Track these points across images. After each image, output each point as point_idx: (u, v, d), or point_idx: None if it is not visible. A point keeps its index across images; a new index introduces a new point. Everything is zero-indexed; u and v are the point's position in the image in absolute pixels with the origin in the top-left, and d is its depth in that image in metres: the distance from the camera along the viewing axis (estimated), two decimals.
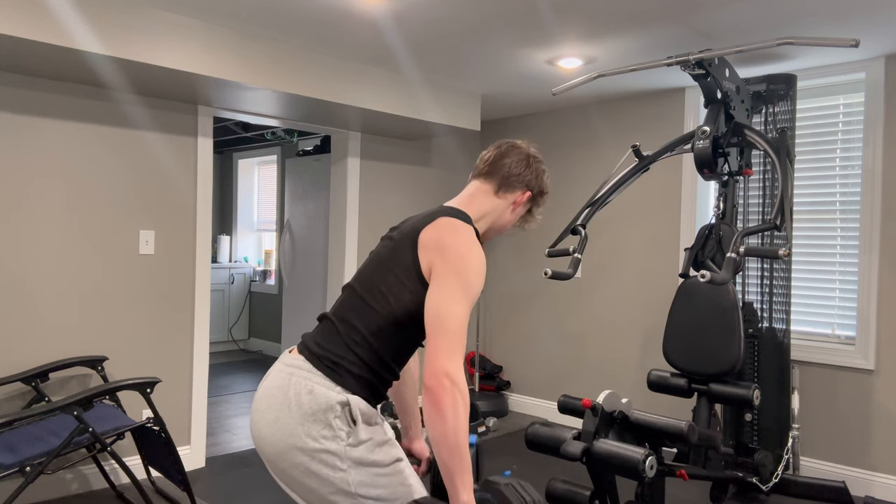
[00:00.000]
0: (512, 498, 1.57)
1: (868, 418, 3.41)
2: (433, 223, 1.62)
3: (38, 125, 3.08)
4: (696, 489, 3.46)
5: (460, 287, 1.52)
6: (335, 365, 1.56)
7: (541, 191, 1.83)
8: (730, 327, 3.01)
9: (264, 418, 1.57)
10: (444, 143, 5.01)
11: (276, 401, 1.56)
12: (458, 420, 1.42)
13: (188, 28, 2.95)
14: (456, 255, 1.55)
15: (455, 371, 1.44)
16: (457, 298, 1.50)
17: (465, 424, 1.43)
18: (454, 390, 1.42)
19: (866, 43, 3.17)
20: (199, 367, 3.64)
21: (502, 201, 1.78)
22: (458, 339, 1.47)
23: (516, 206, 1.80)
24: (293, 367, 1.59)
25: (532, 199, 1.83)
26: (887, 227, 3.36)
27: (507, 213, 1.79)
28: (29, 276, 3.07)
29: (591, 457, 2.34)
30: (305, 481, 1.52)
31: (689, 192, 4.02)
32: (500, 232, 1.84)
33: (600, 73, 3.16)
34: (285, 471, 1.54)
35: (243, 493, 3.31)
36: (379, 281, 1.61)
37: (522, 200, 1.79)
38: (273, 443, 1.54)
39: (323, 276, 5.17)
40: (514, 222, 1.85)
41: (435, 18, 2.95)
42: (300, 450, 1.50)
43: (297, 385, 1.54)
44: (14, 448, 2.53)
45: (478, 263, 1.57)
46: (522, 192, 1.79)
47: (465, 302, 1.51)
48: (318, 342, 1.61)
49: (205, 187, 3.63)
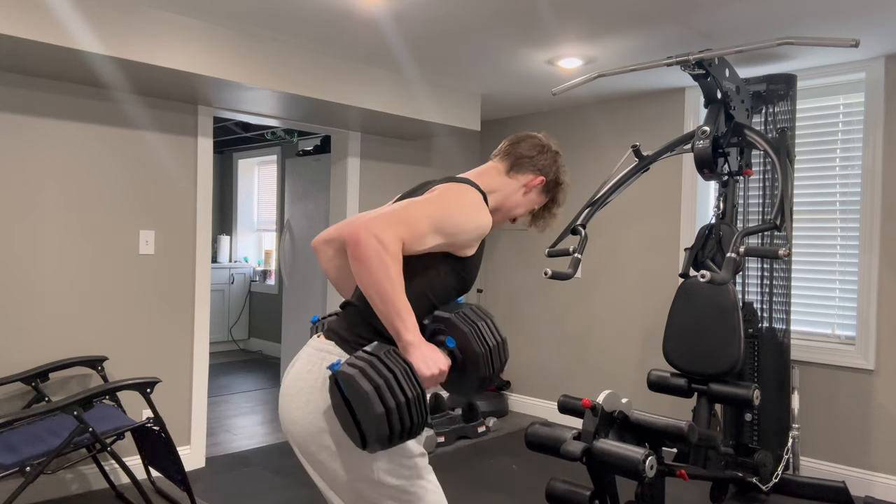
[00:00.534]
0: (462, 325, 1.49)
1: (868, 418, 3.41)
2: (442, 183, 1.65)
3: (38, 125, 3.08)
4: (696, 489, 3.46)
5: (434, 207, 1.51)
6: (359, 346, 1.55)
7: (556, 180, 1.81)
8: (730, 327, 3.01)
9: (295, 401, 1.56)
10: (444, 143, 5.01)
11: (307, 384, 1.55)
12: (385, 267, 1.38)
13: (188, 28, 2.95)
14: (449, 191, 1.58)
15: (384, 235, 1.39)
16: (424, 208, 1.49)
17: (393, 272, 1.39)
18: (375, 243, 1.38)
19: (866, 43, 3.17)
20: (199, 367, 3.64)
21: (513, 181, 1.77)
22: (402, 224, 1.43)
23: (528, 190, 1.78)
24: (323, 350, 1.58)
25: (547, 190, 1.81)
26: (887, 227, 3.36)
27: (518, 194, 1.78)
28: (29, 276, 3.07)
29: (591, 457, 2.34)
30: (332, 465, 1.52)
31: (689, 192, 4.02)
32: (510, 216, 1.80)
33: (600, 73, 3.16)
34: (314, 454, 1.54)
35: (243, 493, 3.31)
36: None
37: (534, 184, 1.77)
38: (303, 425, 1.53)
39: (323, 276, 5.17)
40: (527, 212, 1.82)
41: (435, 18, 2.95)
42: (329, 433, 1.50)
43: None
44: (14, 448, 2.53)
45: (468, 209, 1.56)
46: (535, 175, 1.77)
47: (429, 218, 1.48)
48: (345, 327, 1.60)
49: (205, 187, 3.63)
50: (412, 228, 1.45)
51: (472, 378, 1.50)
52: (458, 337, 1.50)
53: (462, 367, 1.50)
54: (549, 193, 1.83)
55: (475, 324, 1.50)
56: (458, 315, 1.52)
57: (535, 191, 1.79)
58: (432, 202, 1.53)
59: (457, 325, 1.50)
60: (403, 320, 1.42)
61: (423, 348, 1.43)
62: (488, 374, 1.50)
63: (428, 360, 1.42)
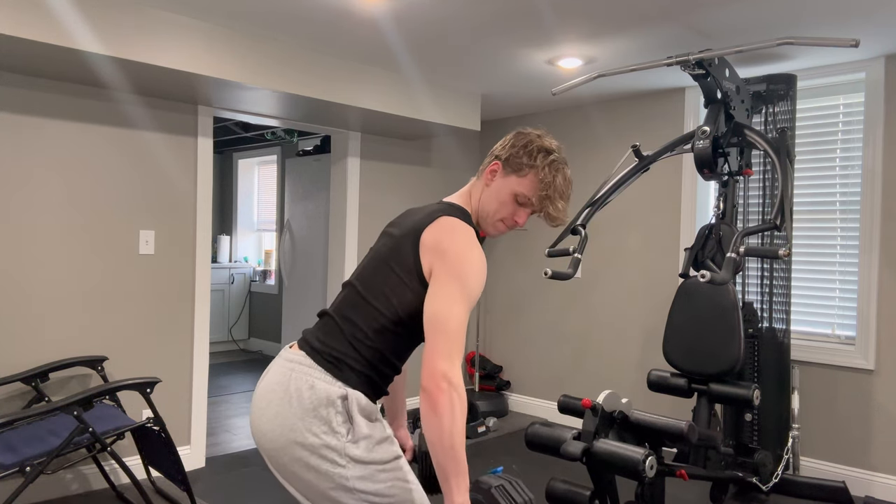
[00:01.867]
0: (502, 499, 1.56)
1: (868, 418, 3.41)
2: (434, 224, 1.59)
3: (38, 125, 3.08)
4: (696, 489, 3.46)
5: (459, 289, 1.50)
6: (337, 361, 1.56)
7: (515, 154, 1.66)
8: (730, 327, 3.00)
9: (265, 414, 1.56)
10: (444, 143, 5.01)
11: (276, 396, 1.55)
12: (455, 423, 1.41)
13: (188, 28, 2.95)
14: (455, 258, 1.54)
15: (453, 373, 1.43)
16: (455, 300, 1.49)
17: (461, 427, 1.42)
18: (451, 392, 1.41)
19: (866, 43, 3.17)
20: (199, 367, 3.64)
21: (479, 182, 1.73)
22: (456, 341, 1.46)
23: (489, 181, 1.70)
24: (294, 362, 1.59)
25: (511, 169, 1.67)
26: (887, 227, 3.36)
27: (483, 192, 1.70)
28: (29, 276, 3.07)
29: (591, 457, 2.34)
30: (305, 476, 1.52)
31: (689, 192, 4.02)
32: (490, 218, 1.69)
33: (600, 73, 3.16)
34: (285, 466, 1.54)
35: (243, 493, 3.31)
36: (381, 281, 1.60)
37: (491, 170, 1.69)
38: (273, 438, 1.54)
39: (323, 276, 5.17)
40: (504, 206, 1.68)
41: (435, 18, 2.95)
42: (300, 444, 1.50)
43: (298, 380, 1.54)
44: (14, 448, 2.53)
45: (477, 265, 1.55)
46: (490, 163, 1.71)
47: (464, 304, 1.49)
48: (320, 338, 1.61)
49: (205, 187, 3.63)
50: (462, 333, 1.48)
51: None
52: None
53: None
54: (518, 172, 1.66)
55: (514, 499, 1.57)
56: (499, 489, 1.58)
57: (497, 179, 1.68)
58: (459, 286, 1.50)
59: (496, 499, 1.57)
60: (459, 480, 1.42)
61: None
62: None
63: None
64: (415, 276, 1.57)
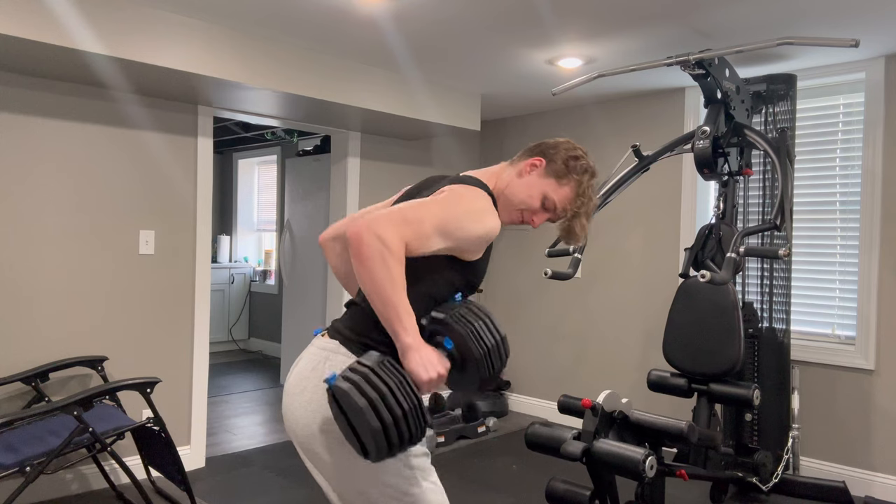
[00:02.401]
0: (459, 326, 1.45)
1: (868, 418, 3.41)
2: (451, 185, 1.59)
3: (38, 125, 3.08)
4: (696, 489, 3.46)
5: (440, 208, 1.47)
6: (368, 348, 1.54)
7: (564, 160, 1.65)
8: (730, 327, 3.00)
9: (297, 400, 1.55)
10: (444, 143, 5.01)
11: (310, 383, 1.54)
12: (390, 270, 1.36)
13: (188, 28, 2.95)
14: (456, 193, 1.53)
15: (387, 234, 1.36)
16: (431, 209, 1.46)
17: (396, 274, 1.37)
18: (378, 243, 1.35)
19: (866, 43, 3.17)
20: (199, 367, 3.64)
21: (512, 169, 1.71)
22: (407, 224, 1.40)
23: (524, 172, 1.68)
24: (327, 350, 1.57)
25: (553, 172, 1.65)
26: (887, 227, 3.36)
27: (514, 180, 1.68)
28: (29, 276, 3.07)
29: (591, 457, 2.34)
30: (335, 465, 1.51)
31: (689, 192, 4.02)
32: (511, 206, 1.68)
33: (600, 73, 3.16)
34: (317, 454, 1.53)
35: (243, 493, 3.31)
36: None
37: (531, 163, 1.67)
38: (306, 424, 1.53)
39: (323, 276, 5.17)
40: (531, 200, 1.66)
41: (435, 18, 2.95)
42: (332, 433, 1.49)
43: (333, 367, 1.53)
44: (14, 448, 2.53)
45: (475, 211, 1.52)
46: (532, 157, 1.69)
47: (436, 219, 1.45)
48: (350, 326, 1.59)
49: (205, 187, 3.63)
50: (417, 230, 1.42)
51: (473, 378, 1.49)
52: (455, 338, 1.47)
53: (462, 368, 1.49)
54: (559, 179, 1.66)
55: (472, 323, 1.46)
56: (454, 314, 1.48)
57: (534, 174, 1.67)
58: (439, 204, 1.49)
59: (453, 326, 1.47)
60: (402, 322, 1.39)
61: (422, 351, 1.40)
62: (488, 374, 1.48)
63: (427, 363, 1.40)
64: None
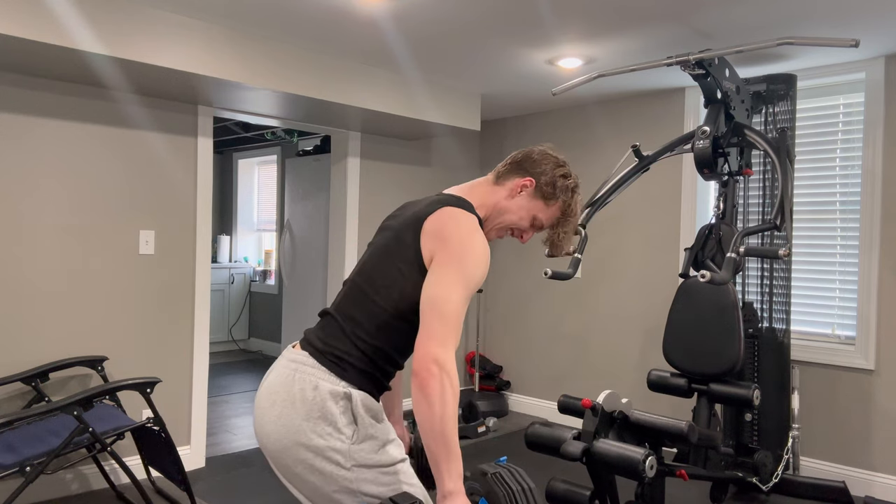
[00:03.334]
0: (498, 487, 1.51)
1: (868, 418, 3.41)
2: (437, 212, 1.58)
3: (38, 125, 3.08)
4: (696, 489, 3.46)
5: (459, 274, 1.48)
6: (339, 360, 1.54)
7: (551, 182, 1.70)
8: (730, 327, 3.00)
9: (268, 414, 1.55)
10: (444, 143, 5.01)
11: (279, 397, 1.54)
12: (446, 407, 1.38)
13: (188, 28, 2.95)
14: (457, 243, 1.52)
15: (445, 358, 1.39)
16: (454, 285, 1.46)
17: (452, 412, 1.39)
18: (442, 376, 1.38)
19: (866, 43, 3.17)
20: (199, 367, 3.64)
21: (500, 188, 1.72)
22: (452, 326, 1.43)
23: (514, 193, 1.71)
24: (297, 362, 1.57)
25: (543, 196, 1.70)
26: (887, 227, 3.36)
27: (502, 200, 1.70)
28: (29, 276, 3.07)
29: (591, 457, 2.34)
30: (309, 478, 1.51)
31: (689, 192, 4.02)
32: (499, 225, 1.72)
33: (600, 73, 3.16)
34: (289, 467, 1.53)
35: (243, 493, 3.31)
36: (381, 274, 1.58)
37: (521, 185, 1.70)
38: (277, 439, 1.53)
39: (323, 276, 5.17)
40: (520, 221, 1.72)
41: (435, 18, 2.95)
42: (304, 446, 1.49)
43: (302, 380, 1.53)
44: (14, 448, 2.53)
45: (479, 252, 1.53)
46: (521, 176, 1.71)
47: (463, 290, 1.47)
48: (321, 338, 1.59)
49: (205, 187, 3.63)
50: (459, 320, 1.45)
51: None
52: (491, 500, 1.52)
53: None
54: (547, 200, 1.72)
55: (510, 488, 1.51)
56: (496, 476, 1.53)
57: (524, 195, 1.71)
58: (460, 271, 1.49)
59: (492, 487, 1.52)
60: (450, 465, 1.39)
61: (459, 501, 1.40)
62: None
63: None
64: (415, 266, 1.54)
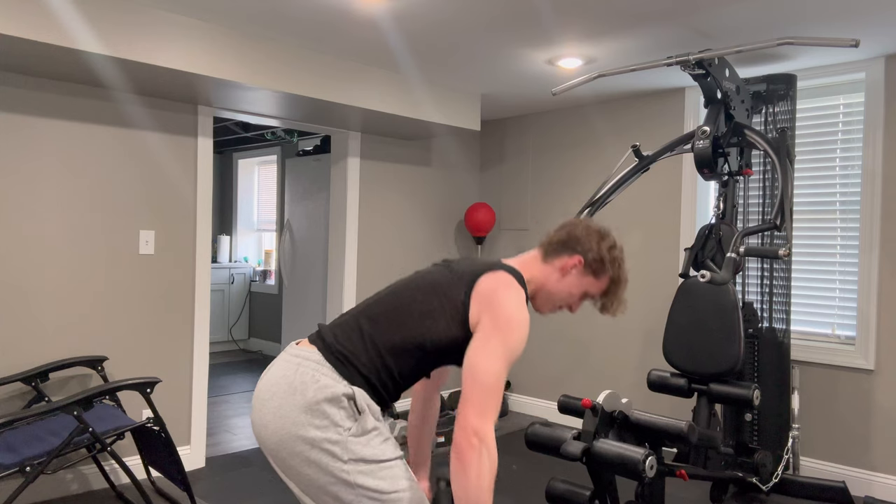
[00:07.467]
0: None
1: (868, 418, 3.41)
2: (493, 273, 1.64)
3: (38, 125, 3.08)
4: (696, 489, 3.46)
5: (503, 347, 1.54)
6: (345, 359, 1.57)
7: (599, 258, 1.74)
8: (730, 327, 3.00)
9: (267, 405, 1.57)
10: (444, 143, 5.01)
11: (280, 389, 1.56)
12: (482, 479, 1.45)
13: (188, 28, 2.95)
14: (504, 317, 1.57)
15: (486, 431, 1.46)
16: (498, 357, 1.52)
17: (489, 484, 1.46)
18: (482, 449, 1.45)
19: (866, 43, 3.17)
20: (199, 367, 3.64)
21: (548, 267, 1.77)
22: (492, 397, 1.49)
23: (565, 272, 1.75)
24: (301, 357, 1.59)
25: (593, 271, 1.75)
26: (887, 227, 3.36)
27: (553, 279, 1.75)
28: (29, 276, 3.07)
29: (591, 457, 2.34)
30: (305, 471, 1.52)
31: (689, 192, 4.02)
32: (552, 302, 1.78)
33: (600, 73, 3.16)
34: (285, 459, 1.54)
35: (243, 493, 3.31)
36: (422, 300, 1.63)
37: (570, 265, 1.74)
38: (275, 430, 1.54)
39: (323, 276, 5.17)
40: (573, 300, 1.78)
41: (435, 18, 2.95)
42: (302, 438, 1.51)
43: (304, 374, 1.55)
44: (14, 448, 2.53)
45: (523, 328, 1.59)
46: (570, 255, 1.75)
47: (505, 363, 1.53)
48: (336, 335, 1.62)
49: (205, 187, 3.63)
50: (500, 392, 1.52)
51: None
52: None
53: None
54: (597, 275, 1.76)
55: None
56: None
57: (573, 273, 1.75)
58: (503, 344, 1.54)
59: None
60: None
61: None
62: None
63: None
64: (459, 313, 1.59)
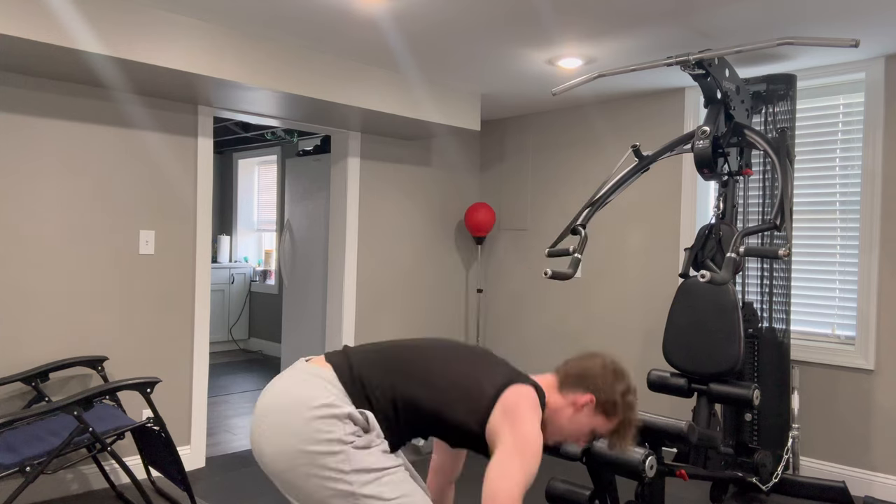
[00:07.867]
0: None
1: (868, 418, 3.41)
2: (522, 386, 1.65)
3: (38, 125, 3.08)
4: (696, 489, 3.46)
5: (523, 469, 1.55)
6: (361, 387, 1.59)
7: (612, 401, 1.73)
8: (730, 327, 3.00)
9: (267, 420, 1.57)
10: (444, 143, 5.01)
11: (282, 403, 1.56)
12: None
13: (188, 28, 2.95)
14: (522, 437, 1.58)
15: None
16: (517, 481, 1.54)
17: None
18: None
19: (866, 43, 3.17)
20: (199, 367, 3.64)
21: (562, 398, 1.76)
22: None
23: (576, 410, 1.74)
24: (310, 373, 1.60)
25: (605, 412, 1.74)
26: (887, 227, 3.36)
27: (566, 413, 1.75)
28: (29, 275, 3.07)
29: (591, 457, 2.34)
30: (304, 484, 1.52)
31: (689, 192, 4.02)
32: (560, 435, 1.77)
33: (600, 73, 3.16)
34: (283, 472, 1.54)
35: (243, 493, 3.31)
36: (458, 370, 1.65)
37: (583, 402, 1.73)
38: (276, 443, 1.54)
39: (323, 276, 5.17)
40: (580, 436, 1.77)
41: (435, 18, 2.95)
42: (301, 452, 1.50)
43: (312, 389, 1.56)
44: (14, 448, 2.53)
45: (539, 450, 1.59)
46: (583, 392, 1.74)
47: (524, 485, 1.55)
48: (359, 362, 1.64)
49: (205, 187, 3.63)
50: None
51: None
52: None
53: None
54: (608, 416, 1.75)
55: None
56: None
57: (585, 411, 1.74)
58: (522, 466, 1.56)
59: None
60: None
61: None
62: None
63: None
64: (479, 412, 1.61)
